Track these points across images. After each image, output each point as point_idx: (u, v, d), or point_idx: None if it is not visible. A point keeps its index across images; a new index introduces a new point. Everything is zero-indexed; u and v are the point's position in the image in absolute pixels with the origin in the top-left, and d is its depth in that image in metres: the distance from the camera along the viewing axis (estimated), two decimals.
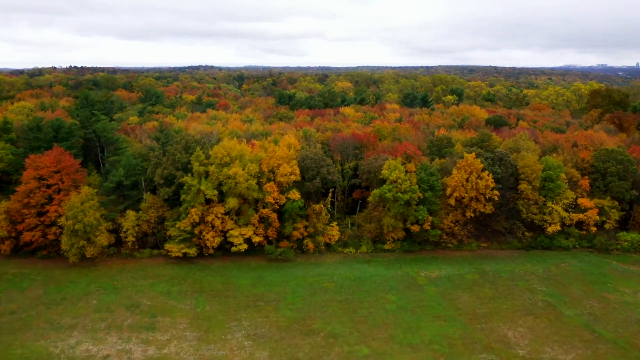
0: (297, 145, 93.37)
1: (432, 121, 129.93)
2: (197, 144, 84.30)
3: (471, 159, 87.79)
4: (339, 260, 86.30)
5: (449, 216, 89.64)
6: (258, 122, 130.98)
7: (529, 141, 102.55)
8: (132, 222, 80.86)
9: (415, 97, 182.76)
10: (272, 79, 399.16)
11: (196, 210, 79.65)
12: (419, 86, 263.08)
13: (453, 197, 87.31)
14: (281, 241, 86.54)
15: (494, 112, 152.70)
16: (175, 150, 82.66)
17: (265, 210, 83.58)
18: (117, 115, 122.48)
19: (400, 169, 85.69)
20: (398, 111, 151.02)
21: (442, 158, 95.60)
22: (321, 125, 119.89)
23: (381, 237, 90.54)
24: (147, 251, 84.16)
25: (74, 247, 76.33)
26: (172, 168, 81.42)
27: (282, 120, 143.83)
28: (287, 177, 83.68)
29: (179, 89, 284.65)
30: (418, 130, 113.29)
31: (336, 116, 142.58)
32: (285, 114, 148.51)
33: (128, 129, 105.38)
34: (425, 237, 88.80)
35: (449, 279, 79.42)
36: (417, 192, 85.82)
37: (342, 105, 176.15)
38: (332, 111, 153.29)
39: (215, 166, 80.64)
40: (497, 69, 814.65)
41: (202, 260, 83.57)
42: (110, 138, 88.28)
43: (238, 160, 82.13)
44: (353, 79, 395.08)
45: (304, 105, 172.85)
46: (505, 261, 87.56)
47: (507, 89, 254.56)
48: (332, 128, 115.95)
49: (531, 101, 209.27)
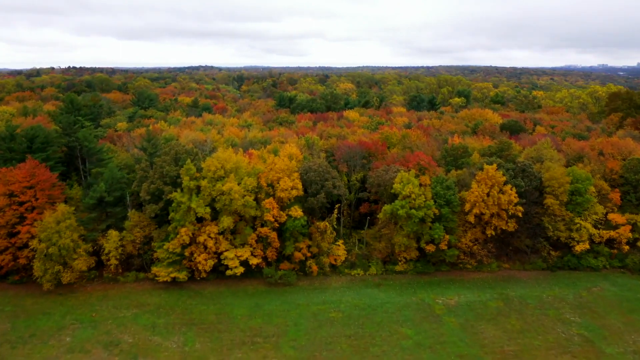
0: (299, 155, 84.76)
1: (443, 126, 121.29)
2: (188, 155, 75.66)
3: (492, 171, 79.14)
4: (346, 284, 77.67)
5: (467, 234, 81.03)
6: (257, 128, 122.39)
7: (552, 150, 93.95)
8: (114, 243, 72.24)
9: (422, 99, 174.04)
10: (272, 80, 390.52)
11: (186, 230, 71.04)
12: (424, 87, 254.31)
13: (472, 214, 78.71)
14: (282, 263, 77.95)
15: (507, 116, 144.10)
16: (163, 162, 74.04)
17: (264, 229, 74.93)
18: (105, 121, 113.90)
19: (414, 182, 77.06)
20: (405, 115, 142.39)
21: (458, 169, 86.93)
22: (324, 131, 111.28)
23: (392, 257, 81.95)
24: (132, 274, 75.52)
25: (48, 272, 67.72)
26: (159, 182, 72.80)
27: (283, 125, 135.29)
28: (288, 192, 75.07)
29: (176, 91, 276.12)
30: (429, 137, 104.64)
31: (340, 121, 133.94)
32: (285, 118, 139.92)
33: (115, 137, 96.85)
34: (441, 257, 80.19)
35: (470, 307, 70.75)
36: (433, 208, 77.21)
37: (345, 108, 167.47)
38: (336, 115, 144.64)
39: (207, 180, 72.01)
40: (499, 69, 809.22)
41: (194, 285, 74.93)
42: (92, 148, 79.62)
43: (233, 174, 73.47)
44: (354, 79, 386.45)
45: (305, 109, 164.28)
46: (530, 284, 78.91)
47: (514, 91, 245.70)
48: (337, 135, 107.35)
49: (542, 103, 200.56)
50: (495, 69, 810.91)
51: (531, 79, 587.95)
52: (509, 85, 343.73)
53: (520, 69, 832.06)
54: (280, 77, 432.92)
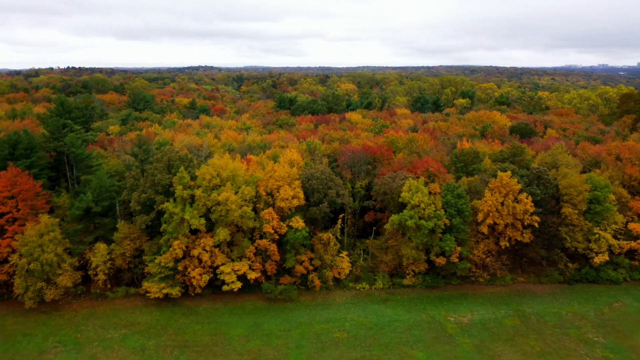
0: (300, 162, 79.80)
1: (450, 129, 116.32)
2: (182, 162, 70.68)
3: (506, 179, 74.21)
4: (351, 299, 72.70)
5: (479, 246, 76.08)
6: (256, 131, 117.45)
7: (567, 155, 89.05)
8: (103, 257, 67.24)
9: (426, 100, 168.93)
10: (272, 80, 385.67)
11: (179, 242, 66.05)
12: (427, 88, 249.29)
13: (485, 224, 73.78)
14: (282, 276, 73.00)
15: (515, 118, 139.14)
16: (155, 170, 69.05)
17: (263, 241, 69.94)
18: (96, 124, 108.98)
19: (423, 190, 72.09)
20: (410, 117, 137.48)
21: (469, 176, 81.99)
22: (326, 134, 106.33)
23: (399, 270, 77.00)
24: (121, 290, 70.55)
25: (29, 289, 62.77)
26: (151, 191, 67.81)
27: (283, 128, 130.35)
28: (289, 201, 70.10)
29: (175, 91, 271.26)
30: (437, 141, 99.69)
31: (342, 123, 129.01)
32: (286, 120, 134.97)
33: (106, 141, 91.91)
34: (452, 270, 75.26)
35: (485, 326, 65.77)
36: (443, 218, 72.26)
37: (347, 110, 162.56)
38: (338, 117, 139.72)
39: (202, 190, 67.03)
40: (499, 69, 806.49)
41: (188, 302, 69.96)
42: (79, 154, 74.62)
43: (230, 182, 68.53)
44: (355, 80, 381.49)
45: (306, 110, 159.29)
46: (547, 299, 73.93)
47: (520, 91, 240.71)
48: (339, 138, 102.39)
49: (549, 104, 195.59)
50: (496, 69, 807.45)
51: (532, 79, 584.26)
52: (512, 86, 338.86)
53: (520, 69, 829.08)
54: (280, 78, 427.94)
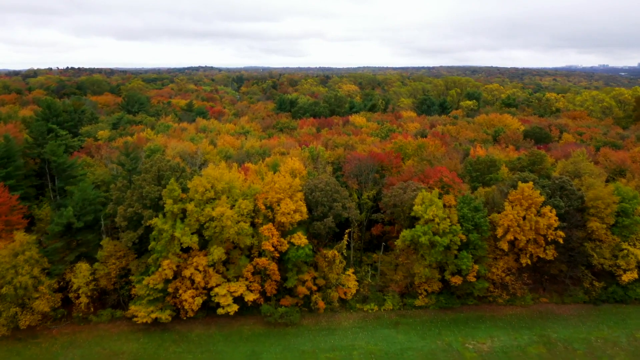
0: (303, 171, 73.45)
1: (460, 133, 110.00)
2: (173, 172, 64.36)
3: (528, 190, 67.85)
4: (358, 322, 66.34)
5: (498, 263, 69.70)
6: (255, 135, 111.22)
7: (589, 162, 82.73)
8: (85, 278, 60.93)
9: (433, 102, 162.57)
10: (272, 81, 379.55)
11: (169, 262, 59.74)
12: (431, 89, 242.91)
13: (505, 240, 67.41)
14: (283, 297, 66.68)
15: (527, 121, 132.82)
16: (142, 182, 62.70)
17: (262, 259, 63.60)
18: (85, 129, 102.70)
19: (438, 204, 65.73)
20: (416, 120, 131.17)
21: (485, 186, 75.64)
22: (330, 139, 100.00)
23: (410, 290, 70.69)
24: (106, 313, 64.21)
25: (2, 316, 56.49)
26: (138, 205, 61.47)
27: (283, 132, 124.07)
28: (291, 216, 63.76)
29: (173, 92, 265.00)
30: (448, 147, 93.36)
31: (346, 127, 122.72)
32: (286, 124, 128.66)
33: (93, 148, 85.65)
34: (469, 290, 68.90)
35: (507, 355, 59.43)
36: (459, 233, 65.93)
37: (350, 112, 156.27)
38: (341, 120, 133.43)
39: (195, 203, 60.71)
40: (500, 70, 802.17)
41: (179, 326, 63.62)
42: (61, 163, 68.34)
43: (225, 195, 62.21)
44: (356, 80, 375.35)
45: (307, 113, 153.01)
46: (573, 322, 67.58)
47: (526, 93, 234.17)
48: (344, 144, 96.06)
49: (557, 106, 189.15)
50: (496, 70, 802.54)
51: (534, 79, 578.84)
52: (515, 87, 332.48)
53: (521, 69, 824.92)
54: (281, 78, 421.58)
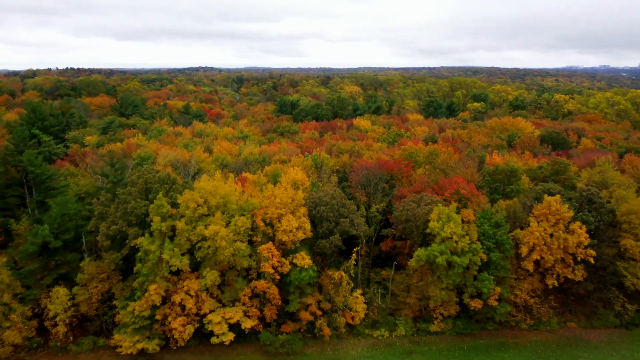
0: (306, 182, 66.94)
1: (472, 139, 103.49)
2: (162, 185, 57.90)
3: (556, 205, 61.39)
4: (367, 351, 59.88)
5: (522, 284, 63.23)
6: (254, 140, 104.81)
7: (616, 171, 76.28)
8: (63, 305, 54.51)
9: (440, 105, 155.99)
10: (273, 82, 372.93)
11: (157, 287, 53.30)
12: (436, 91, 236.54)
13: (530, 260, 60.93)
14: (284, 323, 60.21)
15: (540, 124, 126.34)
16: (128, 196, 56.26)
17: (261, 282, 57.11)
18: (72, 134, 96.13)
19: (456, 219, 59.25)
20: (424, 123, 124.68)
21: (506, 198, 69.13)
22: (334, 145, 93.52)
23: (425, 313, 64.19)
24: (88, 341, 57.73)
25: None
26: (122, 222, 55.01)
27: (284, 136, 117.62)
28: (293, 234, 57.28)
29: (171, 93, 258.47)
30: (461, 154, 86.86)
31: (350, 131, 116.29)
32: (287, 128, 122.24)
33: (79, 155, 79.13)
34: (489, 314, 62.41)
35: None
36: (480, 252, 59.50)
37: (354, 115, 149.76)
38: (344, 123, 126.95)
39: (185, 220, 54.29)
40: (501, 70, 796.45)
41: (169, 356, 57.15)
42: (39, 174, 61.89)
43: (220, 211, 55.77)
44: (358, 81, 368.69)
45: (309, 115, 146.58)
46: (605, 350, 61.10)
47: (535, 94, 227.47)
48: (349, 150, 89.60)
49: (566, 107, 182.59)
50: (498, 70, 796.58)
51: (536, 80, 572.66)
52: (520, 88, 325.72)
53: (523, 69, 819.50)
54: (281, 79, 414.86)
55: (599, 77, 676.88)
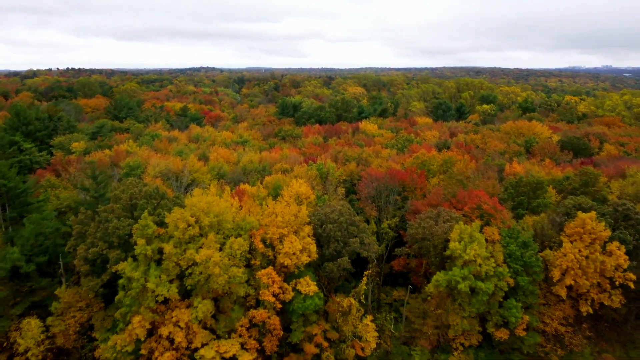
0: (310, 195, 60.35)
1: (487, 144, 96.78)
2: (149, 200, 51.41)
3: (591, 223, 54.74)
4: None
5: (553, 312, 56.55)
6: (254, 146, 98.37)
7: None
8: (35, 338, 48.01)
9: (448, 107, 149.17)
10: (274, 82, 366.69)
11: (141, 319, 46.78)
12: (442, 92, 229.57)
13: (563, 285, 54.28)
14: (286, 356, 53.62)
15: (557, 128, 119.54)
16: (110, 214, 49.77)
17: (260, 311, 50.53)
18: (58, 140, 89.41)
19: (480, 240, 52.67)
20: (434, 127, 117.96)
21: (532, 214, 62.48)
22: (340, 152, 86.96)
23: (443, 342, 57.54)
24: None
25: None
26: (103, 244, 48.55)
27: (286, 141, 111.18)
28: (296, 257, 50.71)
29: (171, 94, 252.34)
30: (478, 162, 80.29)
31: (356, 135, 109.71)
32: (289, 132, 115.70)
33: (63, 164, 72.45)
34: (516, 345, 55.75)
35: None
36: (507, 276, 52.90)
37: (359, 117, 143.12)
38: (350, 127, 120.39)
39: (174, 243, 47.79)
40: (504, 71, 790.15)
41: None
42: (12, 188, 55.38)
43: (214, 232, 49.24)
44: (360, 81, 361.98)
45: (312, 118, 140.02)
46: None
47: (545, 95, 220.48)
48: (356, 157, 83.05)
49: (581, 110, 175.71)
50: (500, 70, 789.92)
51: (539, 80, 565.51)
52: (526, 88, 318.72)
53: (525, 70, 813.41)
54: (283, 80, 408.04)
55: (603, 78, 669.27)
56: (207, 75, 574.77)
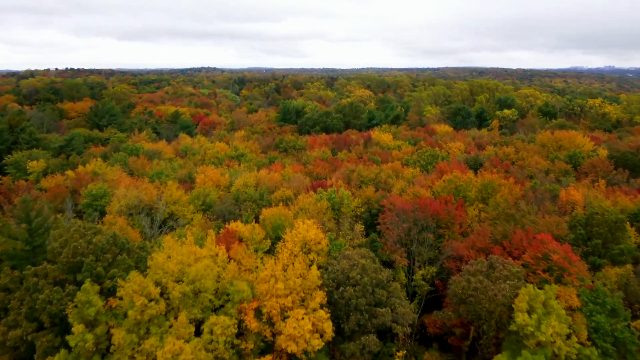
0: (322, 242, 45.52)
1: (527, 161, 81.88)
2: (100, 256, 36.78)
3: None
4: None
5: None
6: (251, 161, 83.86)
7: None
8: None
9: (468, 113, 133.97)
10: (275, 83, 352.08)
11: None
12: (455, 95, 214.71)
13: None
14: None
15: (596, 139, 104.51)
16: (41, 280, 35.15)
17: None
18: (14, 158, 73.76)
19: (559, 312, 38.01)
20: (457, 137, 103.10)
21: (613, 264, 47.73)
22: (353, 171, 72.25)
23: None
24: None
25: None
26: (28, 325, 33.97)
27: (288, 153, 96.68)
28: (304, 339, 35.99)
29: (167, 96, 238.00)
30: (522, 186, 65.50)
31: (370, 147, 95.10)
32: (292, 143, 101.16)
33: (8, 192, 57.60)
34: None
35: None
36: None
37: (369, 125, 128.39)
38: (360, 137, 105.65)
39: (128, 327, 33.16)
40: (507, 71, 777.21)
41: None
42: None
43: (187, 309, 34.60)
44: (364, 82, 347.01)
45: (317, 125, 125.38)
46: None
47: (567, 99, 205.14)
48: (374, 179, 68.43)
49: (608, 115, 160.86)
50: (504, 71, 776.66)
51: (544, 81, 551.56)
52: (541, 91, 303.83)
53: (529, 70, 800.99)
54: (284, 80, 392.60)
55: (609, 78, 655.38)
56: (207, 75, 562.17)
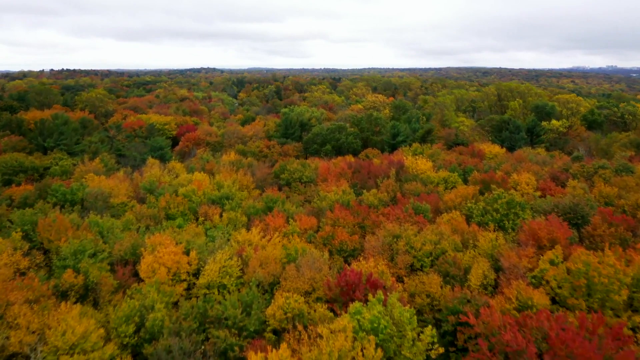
0: None
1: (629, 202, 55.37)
2: None
3: None
4: None
5: None
6: (238, 208, 57.69)
7: None
8: None
9: (517, 127, 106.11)
10: (276, 85, 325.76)
11: None
12: (480, 100, 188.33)
13: None
14: None
15: None
16: None
17: None
18: None
19: None
20: (521, 169, 76.40)
21: None
22: (397, 240, 45.66)
23: None
24: None
25: None
26: None
27: (292, 189, 70.57)
28: None
29: (157, 100, 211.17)
30: None
31: (405, 182, 68.62)
32: (298, 174, 74.71)
33: None
34: None
35: None
36: None
37: (394, 143, 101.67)
38: (387, 162, 78.76)
39: None
40: (512, 71, 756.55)
41: None
42: None
43: None
44: (369, 84, 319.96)
45: (327, 144, 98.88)
46: None
47: (611, 104, 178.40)
48: (431, 252, 41.96)
49: None
50: (508, 71, 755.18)
51: (550, 81, 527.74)
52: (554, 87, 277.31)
53: (533, 70, 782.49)
54: (285, 81, 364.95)
55: (616, 79, 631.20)
56: (206, 76, 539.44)
